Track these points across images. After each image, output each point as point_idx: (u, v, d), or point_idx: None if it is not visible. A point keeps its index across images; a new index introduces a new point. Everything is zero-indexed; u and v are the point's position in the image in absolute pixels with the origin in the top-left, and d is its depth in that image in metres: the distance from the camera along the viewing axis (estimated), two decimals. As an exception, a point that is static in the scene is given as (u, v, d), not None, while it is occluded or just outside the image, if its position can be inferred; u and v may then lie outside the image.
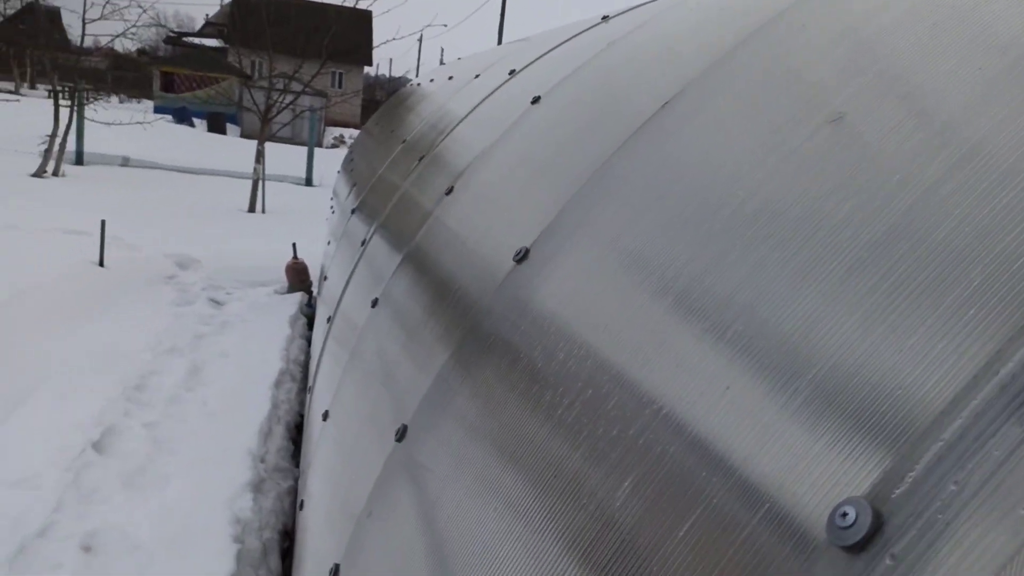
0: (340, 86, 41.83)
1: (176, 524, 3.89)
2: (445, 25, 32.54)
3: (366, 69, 47.65)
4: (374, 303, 2.33)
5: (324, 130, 33.80)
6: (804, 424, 0.71)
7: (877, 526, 0.54)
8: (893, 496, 0.55)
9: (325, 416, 2.37)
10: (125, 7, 15.66)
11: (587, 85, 2.00)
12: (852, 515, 0.55)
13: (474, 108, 3.08)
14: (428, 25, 15.65)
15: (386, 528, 1.35)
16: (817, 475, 0.62)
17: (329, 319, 3.34)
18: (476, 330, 1.45)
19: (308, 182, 18.47)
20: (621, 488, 0.92)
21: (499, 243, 1.61)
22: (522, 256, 1.45)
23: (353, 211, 4.30)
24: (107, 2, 15.30)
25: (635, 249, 1.19)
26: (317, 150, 20.42)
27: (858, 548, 0.54)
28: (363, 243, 3.18)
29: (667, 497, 0.83)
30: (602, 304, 1.19)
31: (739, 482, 0.73)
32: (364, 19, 39.27)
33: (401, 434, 1.48)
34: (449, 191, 2.30)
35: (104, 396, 5.19)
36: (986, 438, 0.52)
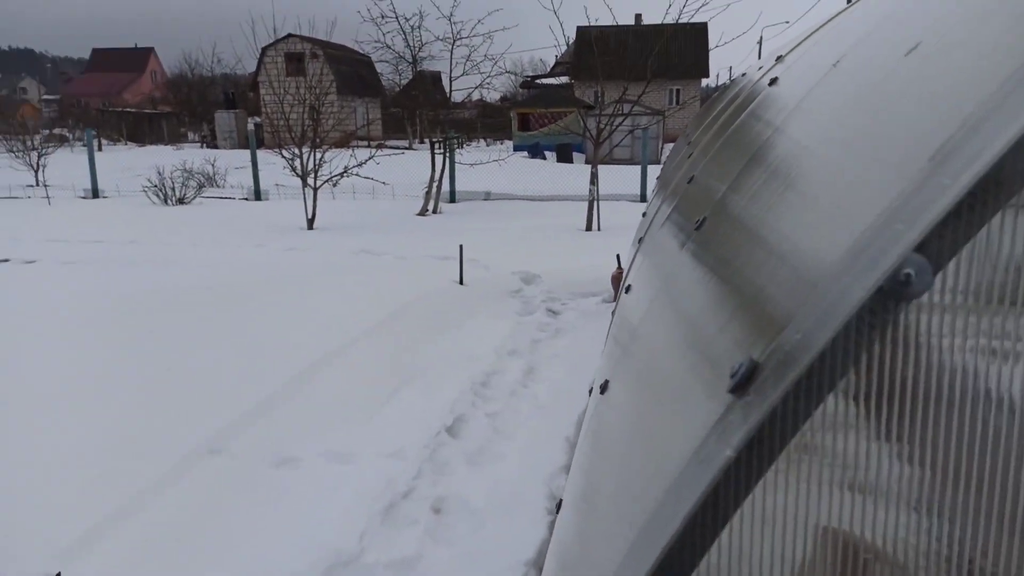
0: (677, 102, 42.26)
1: (504, 495, 4.52)
2: (787, 22, 31.09)
3: (704, 82, 47.41)
4: (627, 289, 2.58)
5: (662, 147, 34.46)
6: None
7: (751, 374, 0.65)
8: (769, 350, 0.65)
9: (590, 392, 2.69)
10: (480, 61, 18.13)
11: (805, 63, 2.02)
12: (738, 367, 0.68)
13: (735, 101, 3.15)
14: (746, 30, 15.14)
15: (582, 462, 1.61)
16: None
17: (612, 313, 3.66)
18: (663, 291, 1.63)
19: (642, 198, 19.17)
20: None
21: (691, 217, 1.77)
22: (700, 223, 1.60)
23: (643, 214, 4.59)
24: (466, 59, 17.87)
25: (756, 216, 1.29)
26: (654, 167, 21.04)
27: (738, 390, 0.66)
28: (639, 240, 3.44)
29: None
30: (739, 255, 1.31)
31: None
32: (700, 33, 39.34)
33: (604, 387, 1.73)
34: (691, 180, 2.46)
35: (457, 390, 6.17)
36: (832, 293, 0.60)
